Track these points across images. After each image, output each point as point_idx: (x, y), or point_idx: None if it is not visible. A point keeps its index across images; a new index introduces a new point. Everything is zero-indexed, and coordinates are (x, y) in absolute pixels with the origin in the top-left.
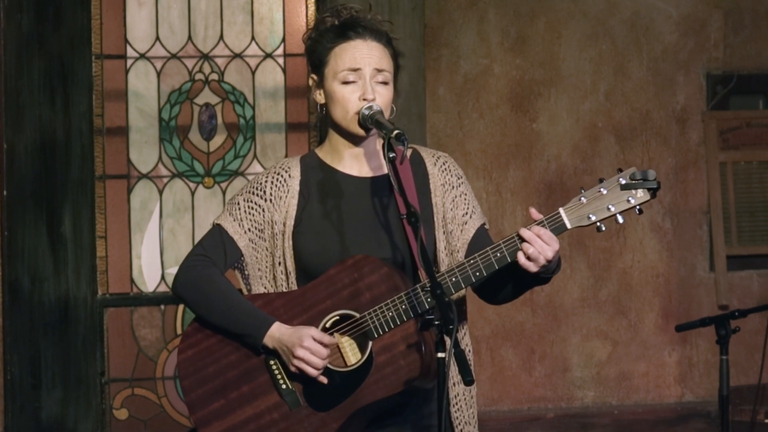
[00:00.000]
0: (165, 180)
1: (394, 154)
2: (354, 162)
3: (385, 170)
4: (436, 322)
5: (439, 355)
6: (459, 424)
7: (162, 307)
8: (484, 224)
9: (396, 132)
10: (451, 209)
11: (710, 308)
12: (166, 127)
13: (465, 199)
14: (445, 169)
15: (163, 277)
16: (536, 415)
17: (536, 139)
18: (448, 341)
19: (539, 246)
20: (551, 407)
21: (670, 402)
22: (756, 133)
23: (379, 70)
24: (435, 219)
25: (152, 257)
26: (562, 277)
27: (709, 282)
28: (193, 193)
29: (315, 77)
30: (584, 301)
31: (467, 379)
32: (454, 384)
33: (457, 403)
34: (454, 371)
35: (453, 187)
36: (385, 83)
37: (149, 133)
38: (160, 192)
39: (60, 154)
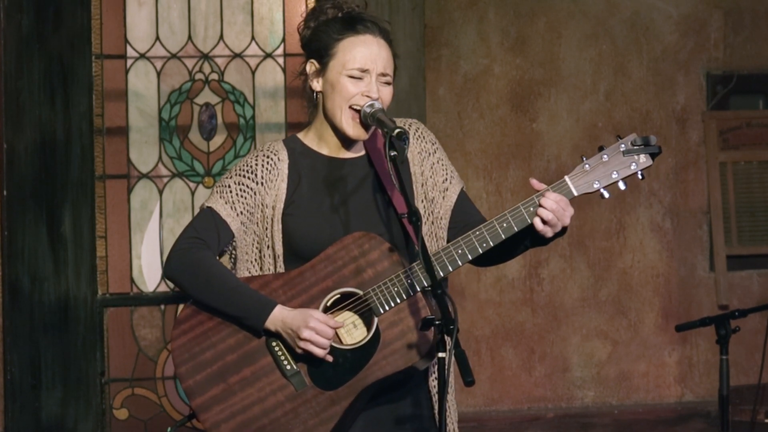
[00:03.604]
0: (165, 180)
1: (395, 153)
2: (336, 146)
3: (364, 151)
4: (437, 322)
5: (440, 354)
6: (436, 393)
7: (162, 307)
8: (463, 188)
9: (397, 131)
10: (431, 176)
11: (710, 308)
12: (166, 127)
13: (442, 165)
14: (419, 136)
15: (163, 277)
16: (536, 415)
17: (536, 139)
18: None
19: (559, 213)
20: (551, 407)
21: (670, 402)
22: (756, 133)
23: (385, 74)
24: (415, 189)
25: (152, 257)
26: (562, 277)
27: (709, 282)
28: (193, 193)
29: (317, 65)
30: (584, 301)
31: (467, 380)
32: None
33: (434, 373)
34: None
35: (429, 154)
36: (388, 84)
37: (149, 133)
38: (160, 192)
39: (60, 154)
